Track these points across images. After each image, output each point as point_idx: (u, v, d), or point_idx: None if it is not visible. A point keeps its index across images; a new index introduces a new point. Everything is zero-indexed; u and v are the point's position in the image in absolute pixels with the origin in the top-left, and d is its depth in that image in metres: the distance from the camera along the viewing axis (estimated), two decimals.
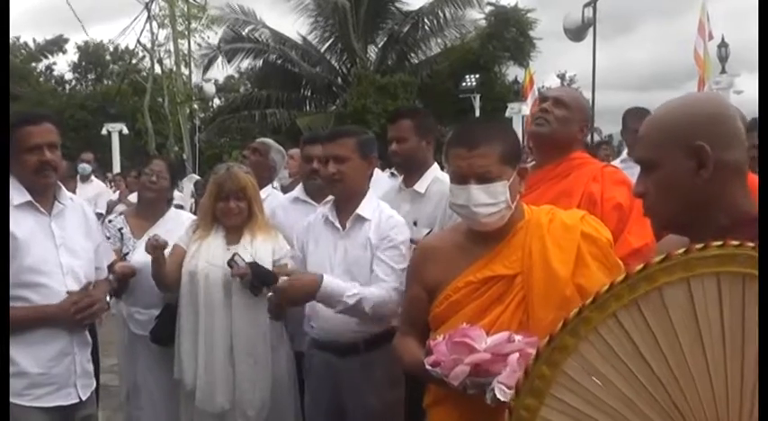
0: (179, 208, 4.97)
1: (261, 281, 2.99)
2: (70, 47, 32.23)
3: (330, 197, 2.94)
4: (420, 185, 3.15)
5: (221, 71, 25.73)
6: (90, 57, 33.38)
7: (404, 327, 2.22)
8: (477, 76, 19.16)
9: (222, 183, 3.20)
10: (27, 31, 43.34)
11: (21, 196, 2.60)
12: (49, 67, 33.48)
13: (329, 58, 24.30)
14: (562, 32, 14.65)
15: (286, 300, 2.71)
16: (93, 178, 8.69)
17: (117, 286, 3.29)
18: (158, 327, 3.35)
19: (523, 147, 2.61)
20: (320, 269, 2.76)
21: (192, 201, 7.57)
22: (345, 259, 2.77)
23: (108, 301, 3.07)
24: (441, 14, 23.35)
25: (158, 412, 3.49)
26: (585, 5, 13.87)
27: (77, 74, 34.06)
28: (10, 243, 2.49)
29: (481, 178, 1.95)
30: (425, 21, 23.63)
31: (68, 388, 2.63)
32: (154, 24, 19.41)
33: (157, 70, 20.52)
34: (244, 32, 23.58)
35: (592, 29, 13.88)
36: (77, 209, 2.81)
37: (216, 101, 28.29)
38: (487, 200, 1.95)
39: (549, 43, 29.43)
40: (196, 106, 24.67)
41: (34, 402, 2.54)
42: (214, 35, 22.28)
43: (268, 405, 3.12)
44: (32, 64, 31.63)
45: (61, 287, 2.60)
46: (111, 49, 32.04)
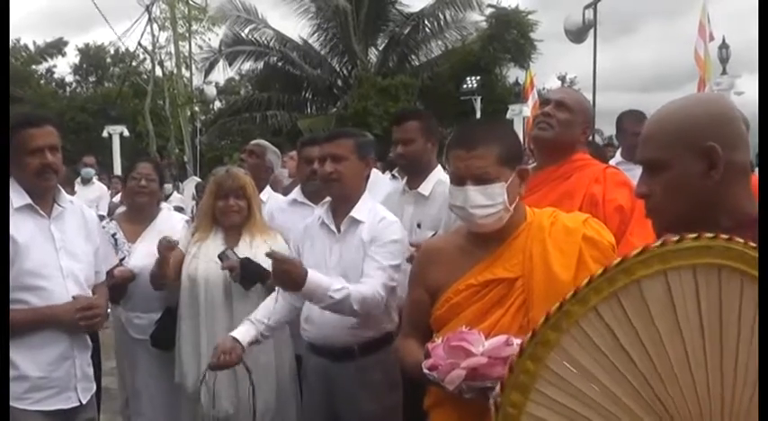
0: (179, 210, 4.97)
1: (252, 276, 2.96)
2: (70, 49, 32.29)
3: (328, 198, 2.93)
4: (424, 187, 3.14)
5: (222, 73, 25.76)
6: (91, 59, 33.40)
7: (406, 329, 2.21)
8: (477, 77, 19.12)
9: (222, 182, 3.21)
10: (27, 34, 43.47)
11: (20, 199, 2.59)
12: (50, 70, 33.52)
13: (330, 60, 24.28)
14: (563, 34, 14.63)
15: (275, 273, 2.51)
16: (94, 181, 8.74)
17: (114, 291, 3.25)
18: (158, 331, 3.34)
19: (524, 148, 2.59)
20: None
21: (194, 203, 7.58)
22: (341, 262, 2.76)
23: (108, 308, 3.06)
24: (441, 16, 23.34)
25: (159, 417, 3.47)
26: (586, 7, 13.86)
27: (78, 76, 34.07)
28: (10, 246, 2.48)
29: (478, 179, 1.94)
30: (426, 23, 23.61)
31: (69, 391, 2.62)
32: (155, 26, 19.50)
33: (158, 73, 20.59)
34: (245, 34, 23.57)
35: (592, 30, 13.88)
36: (77, 212, 2.80)
37: (217, 103, 28.29)
38: (484, 201, 1.94)
39: (550, 45, 29.51)
40: (197, 108, 24.74)
41: (34, 406, 2.53)
42: (215, 37, 22.37)
43: (272, 409, 3.11)
44: (33, 66, 31.63)
45: (62, 290, 2.59)
46: (112, 52, 32.11)
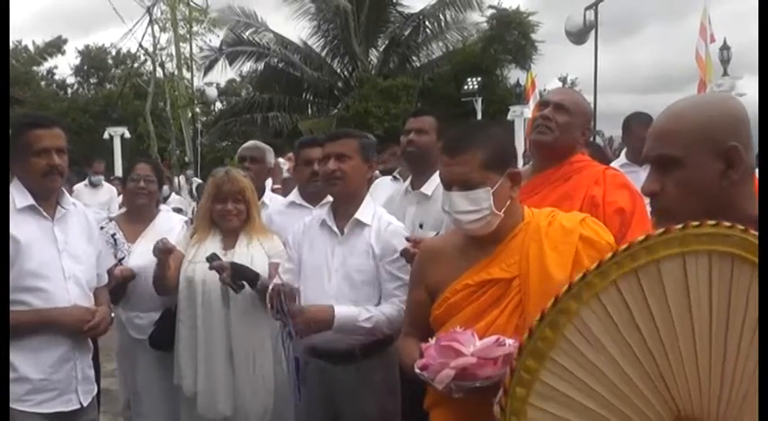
0: (178, 211, 4.97)
1: (241, 278, 2.95)
2: (70, 48, 32.31)
3: (327, 199, 2.92)
4: (427, 188, 3.14)
5: (223, 75, 25.80)
6: (92, 61, 33.43)
7: (407, 329, 2.22)
8: (478, 79, 19.13)
9: (221, 185, 3.18)
10: (28, 36, 43.47)
11: (24, 199, 2.58)
12: (51, 72, 33.55)
13: (331, 61, 24.28)
14: (564, 35, 14.65)
15: (298, 326, 2.57)
16: (103, 183, 9.11)
17: (114, 292, 3.24)
18: (158, 332, 3.33)
19: (525, 150, 2.59)
20: (317, 274, 2.75)
21: (194, 204, 7.59)
22: (344, 265, 2.74)
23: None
24: (442, 17, 23.35)
25: (160, 418, 3.47)
26: (587, 8, 13.88)
27: (79, 78, 34.10)
28: (12, 246, 2.47)
29: (462, 185, 1.96)
30: (427, 24, 23.62)
31: (69, 394, 2.63)
32: (155, 28, 19.50)
33: (159, 74, 20.58)
34: (245, 35, 23.58)
35: (594, 32, 13.88)
36: (80, 214, 2.80)
37: (217, 104, 28.33)
38: (468, 207, 1.95)
39: (551, 46, 29.41)
40: (198, 110, 24.75)
41: (35, 408, 2.53)
42: (216, 38, 22.37)
43: (270, 411, 3.10)
44: (33, 68, 31.65)
45: (63, 292, 2.59)
46: (113, 53, 32.14)
